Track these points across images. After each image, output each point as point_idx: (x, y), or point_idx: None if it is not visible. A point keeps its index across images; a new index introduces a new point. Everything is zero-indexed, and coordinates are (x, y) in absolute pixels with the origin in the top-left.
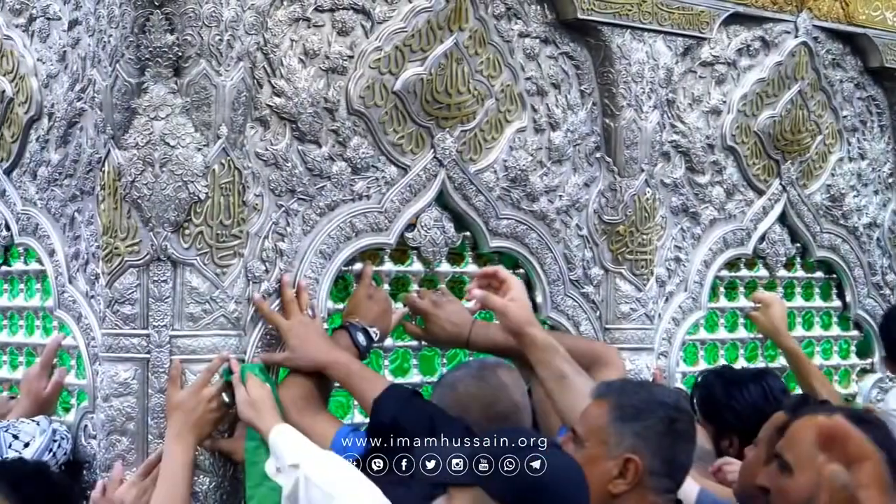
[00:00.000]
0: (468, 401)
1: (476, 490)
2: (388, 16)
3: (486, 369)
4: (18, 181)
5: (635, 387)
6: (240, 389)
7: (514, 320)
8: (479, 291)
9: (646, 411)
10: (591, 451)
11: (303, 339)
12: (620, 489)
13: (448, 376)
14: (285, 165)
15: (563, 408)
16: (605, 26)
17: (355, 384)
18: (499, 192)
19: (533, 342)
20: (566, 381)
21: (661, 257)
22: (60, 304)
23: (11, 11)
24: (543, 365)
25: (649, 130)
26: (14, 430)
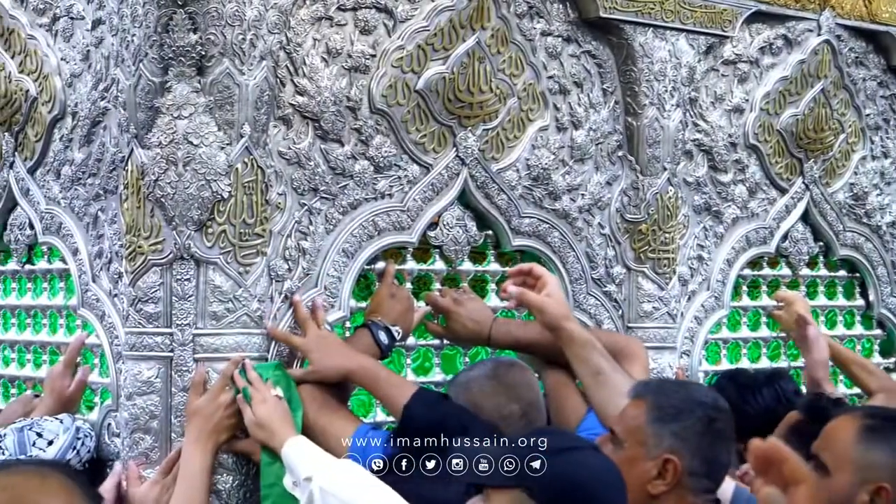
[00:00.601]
0: (482, 400)
1: (515, 491)
2: (411, 14)
3: (500, 368)
4: (42, 180)
5: (673, 386)
6: (246, 410)
7: (552, 316)
8: (515, 288)
9: (684, 411)
10: (629, 451)
11: (324, 351)
12: (660, 490)
13: (462, 376)
14: (308, 164)
15: (598, 403)
16: (627, 25)
17: (383, 390)
18: (521, 190)
19: (571, 337)
20: (602, 376)
21: (684, 256)
22: (84, 303)
23: (35, 11)
24: (580, 360)
25: (672, 129)
26: (38, 428)
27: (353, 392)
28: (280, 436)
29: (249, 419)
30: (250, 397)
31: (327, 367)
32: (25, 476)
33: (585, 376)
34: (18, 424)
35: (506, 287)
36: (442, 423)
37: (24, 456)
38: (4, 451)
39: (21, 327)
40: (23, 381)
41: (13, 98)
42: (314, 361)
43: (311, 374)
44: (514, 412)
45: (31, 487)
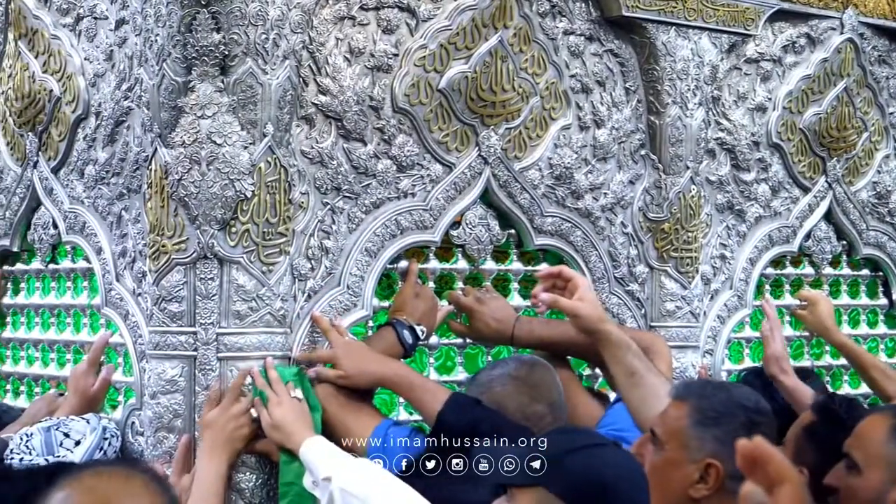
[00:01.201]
0: (505, 400)
1: (538, 490)
2: (433, 14)
3: (522, 368)
4: (66, 180)
5: (714, 389)
6: (262, 412)
7: (587, 320)
8: (547, 295)
9: (727, 415)
10: (670, 454)
11: (355, 359)
12: (702, 494)
13: (483, 375)
14: (331, 163)
15: (633, 404)
16: (649, 23)
17: (417, 395)
18: (543, 189)
19: (607, 338)
20: (637, 377)
21: (707, 255)
22: (108, 302)
23: (59, 11)
24: (615, 361)
25: (694, 128)
26: (65, 427)
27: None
28: (297, 437)
29: (266, 421)
30: (267, 399)
31: (360, 374)
32: (110, 477)
33: (620, 376)
34: (45, 424)
35: (537, 293)
36: (475, 429)
37: (51, 456)
38: (31, 450)
39: (45, 326)
40: (47, 380)
41: (37, 98)
42: (346, 369)
43: (343, 378)
44: (538, 412)
45: (115, 487)
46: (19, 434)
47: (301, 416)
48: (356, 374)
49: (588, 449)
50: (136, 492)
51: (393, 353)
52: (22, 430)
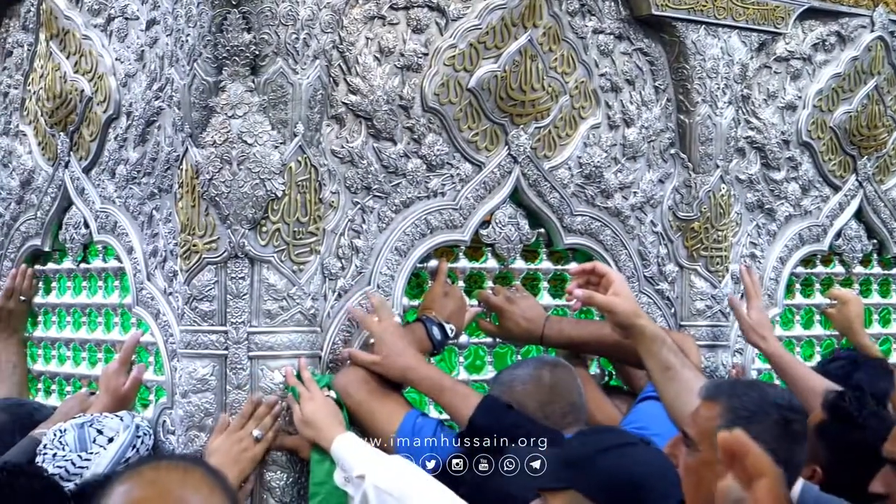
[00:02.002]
0: (524, 399)
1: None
2: (463, 13)
3: (544, 368)
4: (97, 179)
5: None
6: (294, 408)
7: (623, 315)
8: (581, 291)
9: (760, 413)
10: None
11: (396, 348)
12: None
13: (505, 374)
14: (361, 163)
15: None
16: (679, 22)
17: (448, 400)
18: (573, 188)
19: (642, 333)
20: (672, 371)
21: (736, 254)
22: (139, 301)
23: (90, 11)
24: (650, 355)
25: (724, 126)
26: (98, 424)
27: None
28: (328, 433)
29: (297, 417)
30: (299, 395)
31: (393, 365)
32: (168, 470)
33: (655, 371)
34: (79, 420)
35: (571, 289)
36: (506, 434)
37: (84, 452)
38: (64, 446)
39: (76, 325)
40: (78, 378)
41: (68, 98)
42: (383, 354)
43: (376, 365)
44: (557, 411)
45: (175, 480)
46: (53, 430)
47: (333, 413)
48: (390, 367)
49: (618, 448)
50: (195, 484)
51: (422, 348)
52: (56, 426)
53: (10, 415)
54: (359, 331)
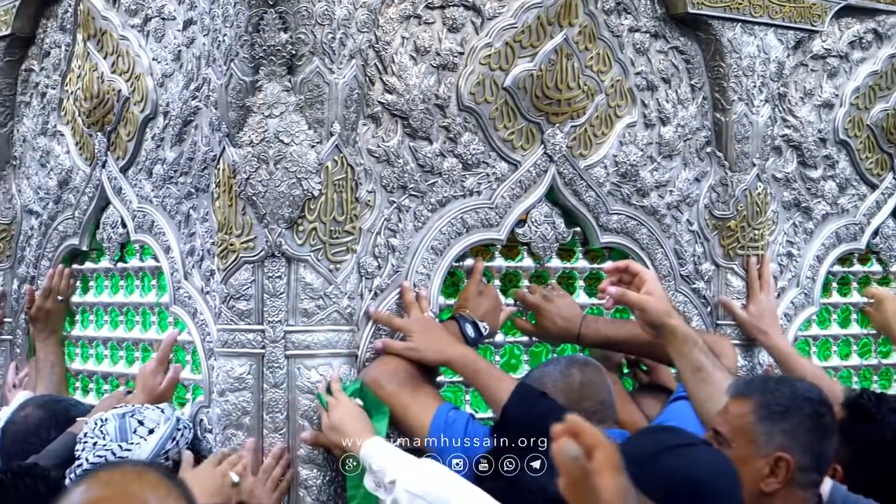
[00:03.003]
0: (554, 396)
1: None
2: (498, 12)
3: (573, 366)
4: (134, 179)
5: (776, 383)
6: (322, 414)
7: (654, 314)
8: (615, 288)
9: (792, 408)
10: (738, 451)
11: (427, 334)
12: (773, 487)
13: (536, 372)
14: (397, 162)
15: (698, 400)
16: (715, 20)
17: (483, 381)
18: (609, 187)
19: (673, 333)
20: (703, 373)
21: (773, 252)
22: (176, 300)
23: (127, 12)
24: (681, 356)
25: (760, 124)
26: (139, 415)
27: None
28: (356, 437)
29: (325, 423)
30: (326, 403)
31: (428, 350)
32: (124, 472)
33: (686, 372)
34: (120, 410)
35: (604, 287)
36: (541, 422)
37: (124, 443)
38: (105, 435)
39: (114, 324)
40: (115, 377)
41: (106, 98)
42: (416, 341)
43: (411, 351)
44: (585, 409)
45: (131, 480)
46: (94, 419)
47: (360, 418)
48: (425, 350)
49: (680, 448)
50: (151, 484)
51: None
52: (97, 415)
53: (47, 411)
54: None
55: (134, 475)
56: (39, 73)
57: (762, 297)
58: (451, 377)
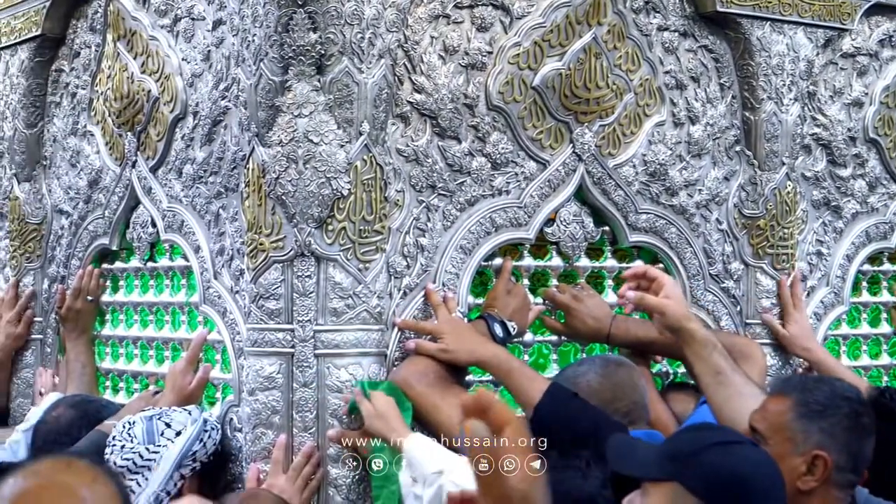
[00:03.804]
0: (588, 396)
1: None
2: (527, 11)
3: (608, 366)
4: (164, 179)
5: (815, 382)
6: (365, 404)
7: (673, 318)
8: (634, 293)
9: (831, 407)
10: (776, 448)
11: (458, 336)
12: (810, 486)
13: (570, 370)
14: (426, 161)
15: (717, 403)
16: (744, 19)
17: (515, 381)
18: (638, 186)
19: (692, 337)
20: (722, 376)
21: (803, 251)
22: (206, 300)
23: (157, 12)
24: (700, 360)
25: (790, 123)
26: (166, 418)
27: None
28: (399, 430)
29: (368, 410)
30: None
31: (460, 350)
32: (53, 462)
33: (705, 376)
34: (148, 413)
35: (623, 292)
36: (573, 423)
37: (152, 445)
38: (133, 438)
39: (143, 324)
40: (145, 376)
41: (135, 98)
42: (448, 343)
43: (443, 353)
44: (618, 410)
45: (58, 470)
46: (122, 422)
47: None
48: (457, 350)
49: (725, 445)
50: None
51: None
52: (125, 418)
53: (78, 411)
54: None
55: (62, 465)
56: (69, 74)
57: (797, 315)
58: (480, 376)
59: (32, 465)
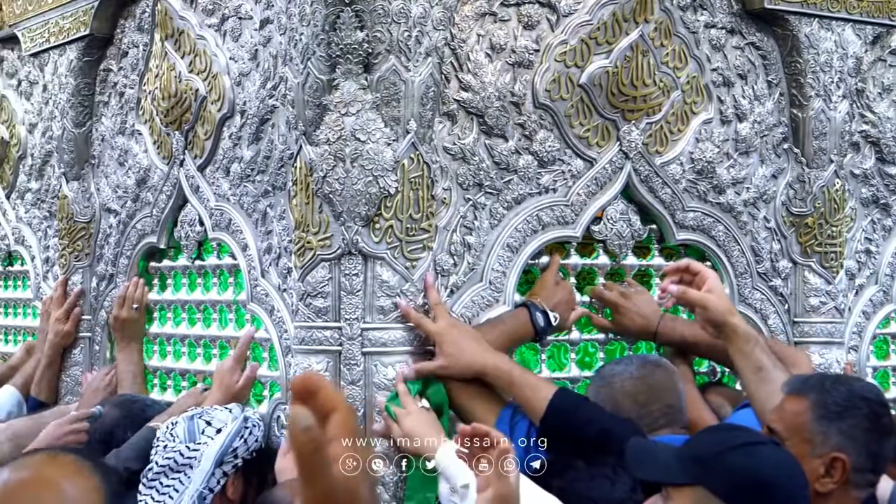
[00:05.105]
0: (622, 397)
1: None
2: (574, 9)
3: (646, 367)
4: (212, 177)
5: (833, 382)
6: (392, 426)
7: (716, 312)
8: (676, 287)
9: (850, 408)
10: (793, 449)
11: (458, 346)
12: (828, 488)
13: (606, 369)
14: (473, 159)
15: (758, 400)
16: (792, 15)
17: (518, 392)
18: (685, 184)
19: (734, 332)
20: (764, 372)
21: (851, 249)
22: (253, 298)
23: (204, 11)
24: (742, 355)
25: (838, 120)
26: (207, 416)
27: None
28: (429, 444)
29: (396, 433)
30: (395, 414)
31: (459, 365)
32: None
33: (747, 372)
34: (189, 413)
35: (665, 286)
36: (581, 432)
37: (192, 443)
38: (175, 438)
39: (191, 322)
40: (193, 374)
41: (183, 97)
42: (446, 356)
43: (443, 368)
44: (653, 412)
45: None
46: (166, 423)
47: (431, 424)
48: (454, 365)
49: (748, 447)
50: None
51: (523, 332)
52: (169, 420)
53: (123, 410)
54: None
55: (48, 458)
56: (118, 73)
57: None
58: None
59: (22, 458)
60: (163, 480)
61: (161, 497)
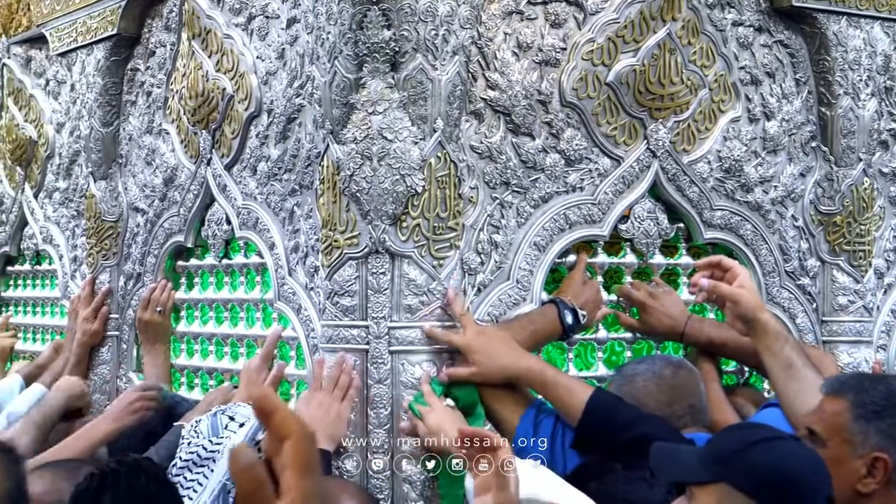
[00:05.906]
0: (643, 396)
1: (721, 486)
2: (601, 7)
3: (668, 367)
4: (239, 176)
5: (871, 382)
6: (417, 423)
7: (746, 307)
8: (708, 281)
9: (889, 407)
10: (834, 450)
11: (488, 352)
12: (871, 488)
13: (629, 367)
14: (500, 158)
15: (786, 397)
16: (820, 13)
17: (552, 393)
18: (713, 182)
19: (764, 329)
20: (793, 370)
21: (880, 248)
22: (280, 297)
23: (231, 10)
24: (772, 352)
25: (867, 119)
26: (230, 412)
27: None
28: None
29: (422, 430)
30: (419, 412)
31: (492, 369)
32: None
33: (776, 369)
34: (213, 410)
35: (696, 280)
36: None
37: (216, 437)
38: (199, 434)
39: (219, 321)
40: (220, 373)
41: (210, 96)
42: (478, 363)
43: (475, 375)
44: (675, 412)
45: None
46: (191, 422)
47: (456, 420)
48: (487, 371)
49: (769, 442)
50: None
51: (552, 330)
52: (195, 418)
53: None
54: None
55: None
56: (145, 73)
57: None
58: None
59: None
60: (187, 475)
61: (185, 492)
